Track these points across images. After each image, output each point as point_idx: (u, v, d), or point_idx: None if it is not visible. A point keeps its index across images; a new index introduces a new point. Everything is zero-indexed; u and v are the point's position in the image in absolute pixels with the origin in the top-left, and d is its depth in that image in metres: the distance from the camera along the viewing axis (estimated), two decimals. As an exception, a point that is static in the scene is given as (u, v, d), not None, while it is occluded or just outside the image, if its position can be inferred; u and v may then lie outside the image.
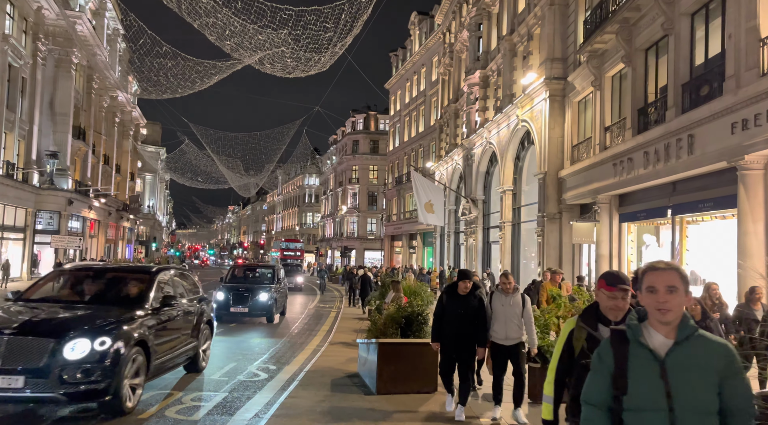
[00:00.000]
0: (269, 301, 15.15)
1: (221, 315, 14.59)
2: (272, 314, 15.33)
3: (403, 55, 51.78)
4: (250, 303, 14.83)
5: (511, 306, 6.33)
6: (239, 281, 16.60)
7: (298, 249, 55.40)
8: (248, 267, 19.08)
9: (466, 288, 6.27)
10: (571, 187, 18.00)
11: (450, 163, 33.49)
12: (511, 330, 6.30)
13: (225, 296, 15.06)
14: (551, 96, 18.99)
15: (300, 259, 53.55)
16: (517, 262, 22.85)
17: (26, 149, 33.31)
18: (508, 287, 6.44)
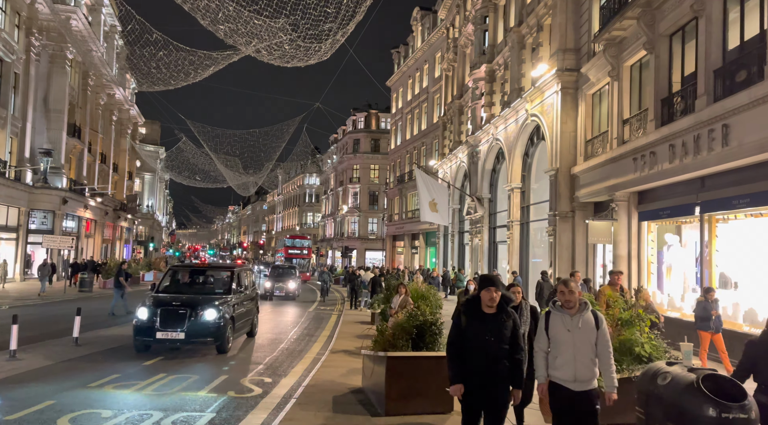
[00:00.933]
0: (218, 321, 10.26)
1: (143, 344, 10.27)
2: (224, 339, 10.48)
3: (405, 51, 50.88)
4: (189, 325, 10.00)
5: (582, 331, 4.35)
6: (178, 290, 11.66)
7: (305, 247, 50.58)
8: (195, 270, 13.03)
9: (493, 301, 4.30)
10: (585, 183, 17.08)
11: (454, 160, 32.57)
12: (583, 367, 4.31)
13: (149, 314, 10.09)
14: (563, 88, 18.07)
15: (308, 258, 49.76)
16: (526, 263, 21.92)
17: (19, 147, 32.42)
18: (572, 303, 4.41)
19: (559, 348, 4.36)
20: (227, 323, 10.55)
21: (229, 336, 10.69)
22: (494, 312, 4.33)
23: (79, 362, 9.52)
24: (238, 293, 11.76)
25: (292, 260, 44.97)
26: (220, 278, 12.49)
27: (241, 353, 11.17)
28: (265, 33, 12.21)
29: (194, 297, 10.93)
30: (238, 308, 11.40)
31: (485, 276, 4.60)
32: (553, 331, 4.44)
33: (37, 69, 33.89)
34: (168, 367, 9.33)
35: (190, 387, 7.97)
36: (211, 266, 14.29)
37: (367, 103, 70.76)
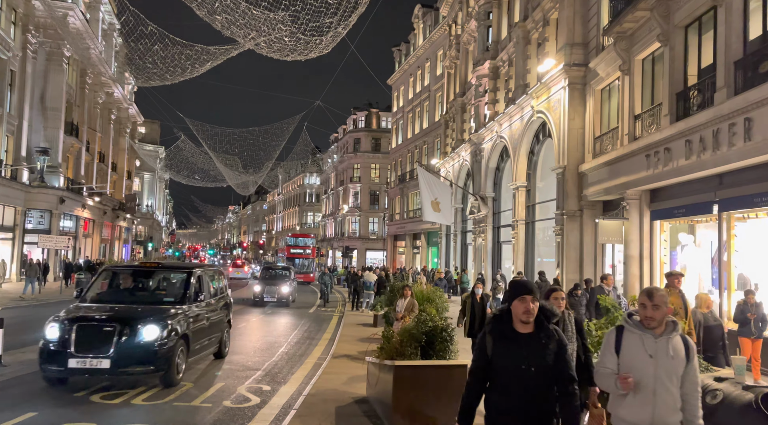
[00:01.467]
0: (163, 342, 7.51)
1: (53, 375, 7.51)
2: (171, 367, 7.63)
3: (407, 49, 50.40)
4: (118, 348, 7.25)
5: (669, 359, 3.25)
6: (115, 299, 8.76)
7: (308, 246, 46.29)
8: (139, 271, 9.82)
9: (530, 314, 3.13)
10: (594, 182, 16.59)
11: (456, 159, 32.08)
12: (666, 408, 3.23)
13: (61, 332, 7.39)
14: (571, 84, 17.58)
15: (311, 258, 45.67)
16: (532, 263, 21.43)
17: (15, 145, 31.94)
18: (658, 321, 3.29)
19: (634, 376, 3.25)
20: (177, 344, 7.71)
21: (179, 363, 7.85)
22: (531, 331, 3.15)
23: (68, 368, 9.04)
24: (198, 302, 8.86)
25: (294, 260, 42.48)
26: (173, 281, 9.55)
27: (239, 356, 10.68)
28: (263, 25, 11.74)
29: (131, 308, 8.10)
30: (197, 322, 8.58)
31: (518, 281, 3.31)
32: (628, 355, 3.29)
33: (34, 66, 33.42)
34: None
35: (184, 396, 7.48)
36: (161, 267, 10.20)
37: (368, 102, 70.33)
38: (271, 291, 21.89)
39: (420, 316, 6.68)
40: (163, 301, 8.75)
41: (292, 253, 44.58)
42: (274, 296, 21.80)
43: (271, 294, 21.83)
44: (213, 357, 10.01)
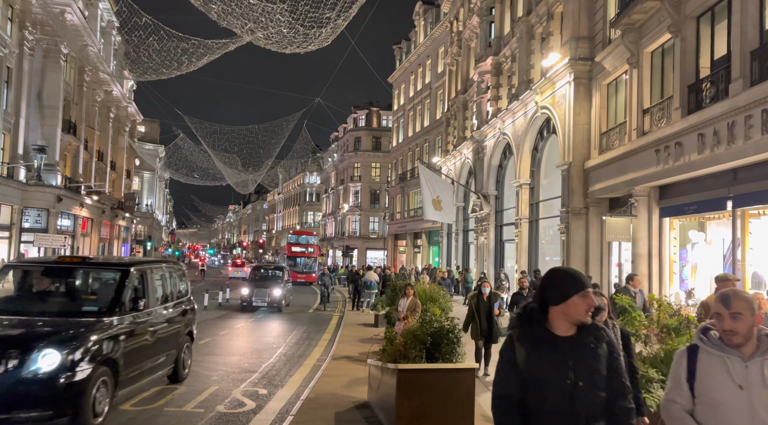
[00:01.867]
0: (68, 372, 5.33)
1: None
2: (80, 408, 5.41)
3: (407, 47, 50.01)
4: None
5: (763, 385, 2.41)
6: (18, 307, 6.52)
7: (311, 244, 43.26)
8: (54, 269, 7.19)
9: (592, 310, 2.45)
10: (600, 178, 16.19)
11: (458, 157, 31.68)
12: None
13: None
14: (576, 79, 17.18)
15: (314, 257, 42.44)
16: (536, 262, 21.04)
17: (12, 143, 31.56)
18: (743, 334, 2.46)
19: (719, 416, 2.41)
20: (94, 374, 5.53)
21: (97, 400, 5.59)
22: (574, 334, 2.44)
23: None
24: (136, 311, 6.55)
25: (295, 259, 40.37)
26: (103, 285, 7.14)
27: (234, 358, 10.31)
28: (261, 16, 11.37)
29: (27, 322, 5.88)
30: (133, 339, 6.39)
31: (568, 271, 2.57)
32: (707, 386, 2.46)
33: (31, 64, 33.03)
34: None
35: (175, 400, 7.10)
36: (87, 262, 7.57)
37: (369, 101, 69.98)
38: (260, 293, 19.27)
39: (424, 316, 6.28)
40: (81, 312, 6.38)
41: (294, 252, 41.61)
42: (264, 299, 19.17)
43: (261, 297, 19.20)
44: (167, 381, 7.82)
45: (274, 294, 19.39)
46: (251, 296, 19.37)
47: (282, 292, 19.80)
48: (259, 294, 19.33)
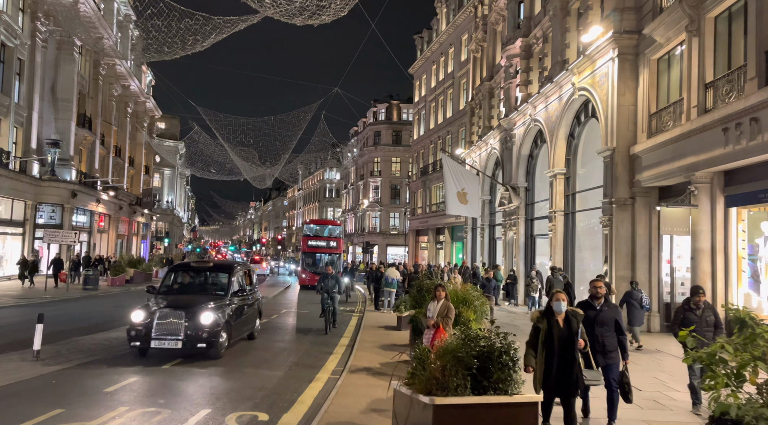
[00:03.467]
0: None
1: None
2: None
3: (429, 36, 48.31)
4: None
5: None
6: None
7: (334, 237, 34.58)
8: None
9: None
10: (649, 164, 14.44)
11: (484, 148, 29.98)
12: None
13: None
14: (621, 54, 15.41)
15: (337, 253, 34.06)
16: (572, 259, 19.32)
17: (25, 137, 30.87)
18: None
19: None
20: None
21: None
22: None
23: (24, 387, 7.38)
24: None
25: (314, 256, 32.63)
26: None
27: (236, 368, 8.93)
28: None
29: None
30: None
31: None
32: None
33: (44, 56, 32.30)
34: (134, 396, 7.11)
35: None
36: None
37: (389, 94, 68.39)
38: (169, 323, 9.28)
39: (467, 331, 4.76)
40: None
41: (312, 247, 33.08)
42: (176, 335, 9.17)
43: (167, 331, 9.22)
44: None
45: (200, 321, 9.27)
46: (147, 328, 9.24)
47: (213, 320, 9.35)
48: (163, 327, 9.21)
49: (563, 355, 5.31)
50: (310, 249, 33.24)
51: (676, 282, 14.70)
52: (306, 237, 34.29)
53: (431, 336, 7.69)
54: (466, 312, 8.93)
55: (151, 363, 9.16)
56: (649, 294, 14.84)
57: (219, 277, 11.34)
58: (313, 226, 36.06)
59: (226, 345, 9.82)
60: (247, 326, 11.34)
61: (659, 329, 14.70)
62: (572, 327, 5.40)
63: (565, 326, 5.40)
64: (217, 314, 9.54)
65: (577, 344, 5.31)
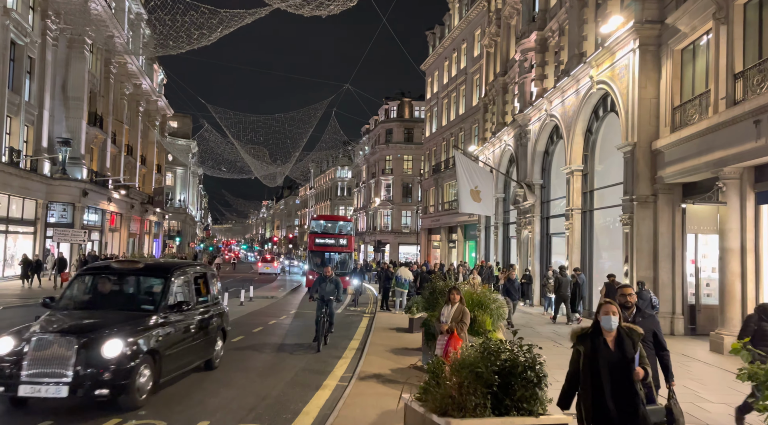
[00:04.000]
0: None
1: None
2: None
3: (441, 32, 47.70)
4: None
5: None
6: None
7: (344, 234, 31.59)
8: None
9: None
10: (673, 160, 13.80)
11: (497, 144, 29.36)
12: None
13: None
14: (642, 45, 14.76)
15: (347, 251, 30.92)
16: (589, 258, 18.69)
17: (36, 136, 30.85)
18: None
19: None
20: None
21: None
22: None
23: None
24: None
25: (323, 255, 29.79)
26: None
27: (236, 372, 8.51)
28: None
29: None
30: None
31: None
32: None
33: (55, 54, 32.26)
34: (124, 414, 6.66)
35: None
36: None
37: (400, 91, 67.83)
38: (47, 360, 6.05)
39: (487, 343, 4.26)
40: None
41: (319, 245, 30.15)
42: (62, 374, 5.98)
43: (46, 369, 6.00)
44: None
45: (102, 352, 6.18)
46: (18, 362, 6.09)
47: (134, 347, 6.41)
48: (42, 361, 6.08)
49: (616, 389, 3.85)
50: (318, 247, 30.48)
51: (701, 283, 14.05)
52: (313, 235, 31.42)
53: (445, 342, 7.22)
54: (481, 316, 8.43)
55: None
56: (673, 295, 14.24)
57: (151, 285, 7.92)
58: (322, 222, 33.04)
59: (149, 387, 6.53)
60: (197, 354, 8.07)
61: (683, 332, 14.08)
62: (626, 351, 3.94)
63: (617, 349, 3.94)
64: (133, 341, 6.31)
65: (634, 373, 3.90)
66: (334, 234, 31.10)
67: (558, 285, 16.43)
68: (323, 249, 30.33)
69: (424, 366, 8.37)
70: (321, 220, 33.97)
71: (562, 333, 14.37)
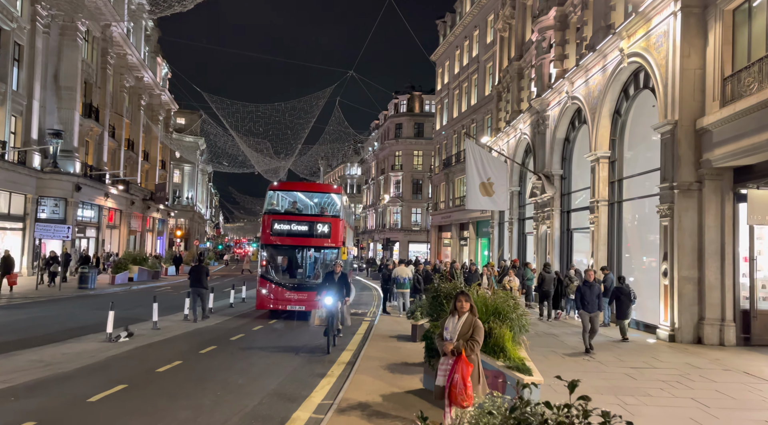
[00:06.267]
0: None
1: None
2: None
3: (452, 20, 45.64)
4: None
5: None
6: None
7: (326, 216, 17.38)
8: None
9: None
10: (723, 139, 11.71)
11: (512, 134, 27.29)
12: None
13: None
14: (685, 7, 12.68)
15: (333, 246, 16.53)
16: (618, 256, 16.59)
17: (25, 127, 29.33)
18: None
19: None
20: None
21: None
22: None
23: None
24: None
25: (288, 254, 17.19)
26: None
27: (180, 404, 6.63)
28: None
29: None
30: None
31: None
32: None
33: (46, 42, 30.73)
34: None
35: None
36: None
37: (410, 85, 65.80)
38: None
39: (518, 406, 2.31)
40: None
41: (279, 235, 16.55)
42: None
43: None
44: None
45: None
46: None
47: None
48: None
49: None
50: (276, 239, 16.44)
51: (756, 285, 11.95)
52: (270, 217, 16.67)
53: (450, 367, 5.28)
54: (498, 328, 6.46)
55: None
56: (722, 299, 12.14)
57: None
58: (282, 194, 18.52)
59: None
60: None
61: (735, 342, 11.98)
62: None
63: None
64: None
65: None
66: (308, 216, 17.42)
67: (541, 281, 16.69)
68: (287, 241, 16.52)
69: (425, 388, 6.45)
70: (282, 191, 18.66)
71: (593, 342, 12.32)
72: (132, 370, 8.29)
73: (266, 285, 15.95)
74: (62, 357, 9.10)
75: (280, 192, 18.52)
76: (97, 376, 7.81)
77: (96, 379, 7.60)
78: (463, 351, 5.22)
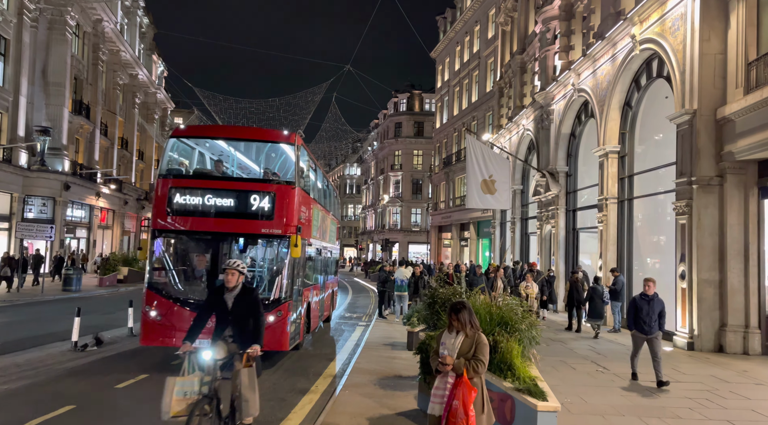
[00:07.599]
0: None
1: None
2: None
3: (452, 16, 44.69)
4: None
5: None
6: None
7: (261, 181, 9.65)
8: None
9: None
10: (748, 129, 10.73)
11: (515, 130, 26.31)
12: None
13: None
14: (704, -13, 11.70)
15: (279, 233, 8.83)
16: (628, 258, 15.58)
17: (11, 123, 28.38)
18: None
19: None
20: None
21: None
22: None
23: None
24: None
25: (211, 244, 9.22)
26: None
27: None
28: None
29: None
30: None
31: None
32: None
33: (34, 36, 29.80)
34: None
35: None
36: None
37: (410, 84, 64.85)
38: None
39: None
40: None
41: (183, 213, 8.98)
42: None
43: None
44: None
45: None
46: None
47: None
48: None
49: None
50: (179, 220, 9.11)
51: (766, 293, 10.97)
52: (168, 182, 9.25)
53: (449, 391, 4.28)
54: (504, 341, 5.46)
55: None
56: (746, 304, 11.15)
57: None
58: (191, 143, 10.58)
59: None
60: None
61: (760, 350, 10.99)
62: None
63: None
64: None
65: None
66: (237, 181, 10.25)
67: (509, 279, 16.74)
68: (198, 226, 9.16)
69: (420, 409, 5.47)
70: (193, 138, 10.67)
71: (600, 349, 11.34)
72: (88, 386, 7.30)
73: (157, 303, 8.81)
74: (15, 370, 8.13)
75: (189, 140, 10.39)
76: (45, 394, 6.83)
77: (42, 398, 6.62)
78: (464, 373, 4.23)
